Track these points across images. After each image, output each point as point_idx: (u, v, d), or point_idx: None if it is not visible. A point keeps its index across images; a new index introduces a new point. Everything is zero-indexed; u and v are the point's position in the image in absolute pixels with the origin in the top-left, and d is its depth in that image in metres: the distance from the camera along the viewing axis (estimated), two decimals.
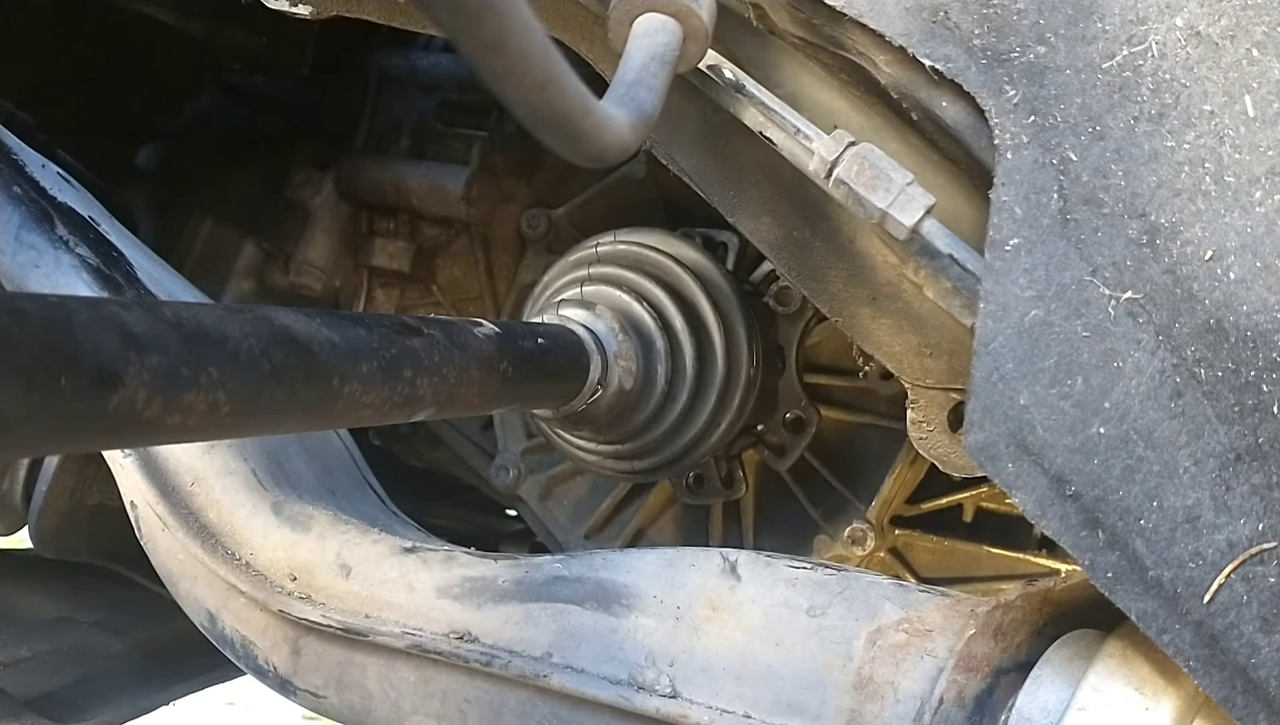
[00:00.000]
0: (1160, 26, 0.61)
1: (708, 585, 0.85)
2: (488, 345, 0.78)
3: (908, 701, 0.77)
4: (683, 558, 0.88)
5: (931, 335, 0.83)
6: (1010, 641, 0.77)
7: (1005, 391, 0.64)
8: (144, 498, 1.14)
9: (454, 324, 0.77)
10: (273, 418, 0.64)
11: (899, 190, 0.72)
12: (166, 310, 0.58)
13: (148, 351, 0.54)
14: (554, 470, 1.44)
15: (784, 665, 0.81)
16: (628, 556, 0.90)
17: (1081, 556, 0.64)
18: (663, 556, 0.89)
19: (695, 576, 0.86)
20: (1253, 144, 0.59)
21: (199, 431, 0.59)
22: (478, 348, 0.77)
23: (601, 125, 0.49)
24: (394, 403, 0.71)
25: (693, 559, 0.87)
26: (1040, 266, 0.64)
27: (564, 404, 1.00)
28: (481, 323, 0.80)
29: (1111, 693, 0.70)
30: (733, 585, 0.85)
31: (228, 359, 0.59)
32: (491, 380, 0.78)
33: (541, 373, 0.91)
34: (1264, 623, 0.60)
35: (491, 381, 0.78)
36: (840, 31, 0.69)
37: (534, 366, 0.87)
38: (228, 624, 1.13)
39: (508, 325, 0.84)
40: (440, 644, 0.96)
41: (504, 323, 0.84)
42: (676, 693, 0.85)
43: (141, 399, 0.54)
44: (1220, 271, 0.60)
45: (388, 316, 0.72)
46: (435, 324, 0.74)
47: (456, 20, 0.38)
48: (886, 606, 0.81)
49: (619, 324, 1.07)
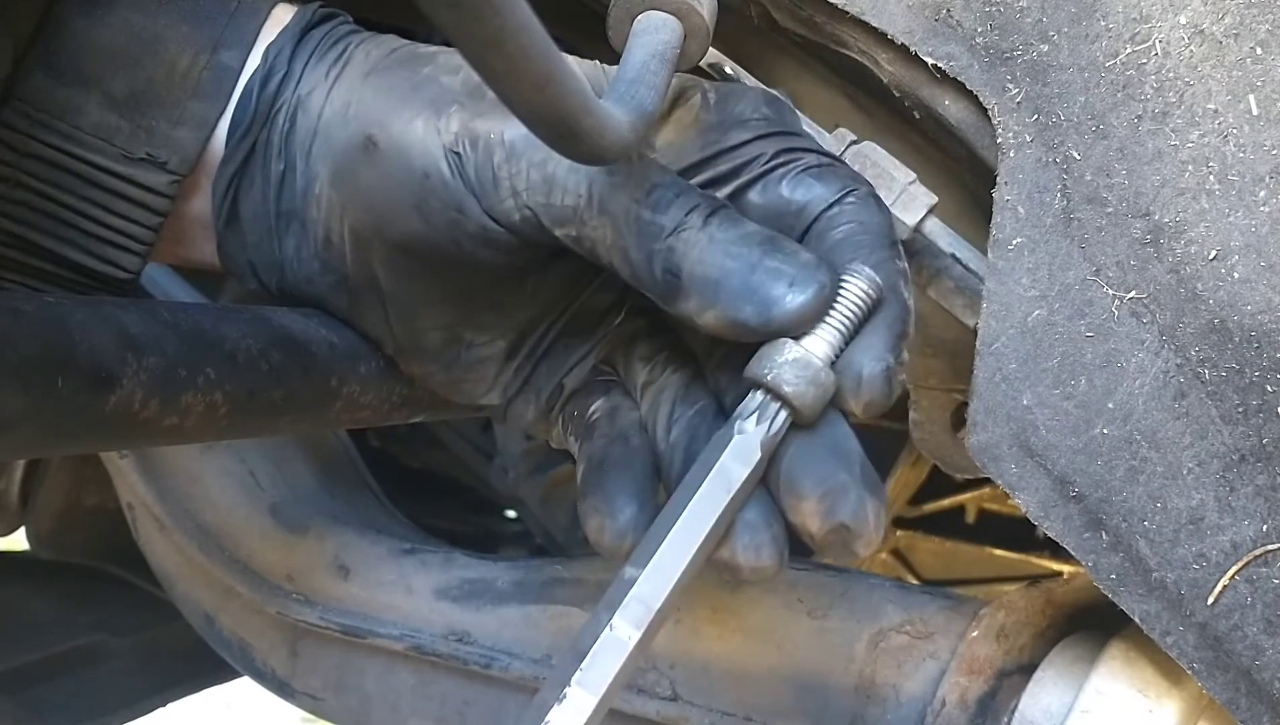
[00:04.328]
0: (1164, 24, 0.61)
1: (708, 587, 0.85)
2: None
3: (910, 704, 0.77)
4: None
5: (933, 335, 0.83)
6: (1013, 643, 0.77)
7: (1008, 392, 0.64)
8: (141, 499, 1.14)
9: None
10: (271, 418, 0.63)
11: (901, 189, 0.72)
12: (164, 310, 0.57)
13: (145, 352, 0.54)
14: (554, 472, 1.44)
15: (785, 668, 0.81)
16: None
17: (1084, 558, 0.63)
18: None
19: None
20: (1257, 143, 0.59)
21: (196, 432, 0.59)
22: None
23: (601, 124, 0.49)
24: (393, 403, 0.71)
25: None
26: (1043, 266, 0.63)
27: None
28: None
29: (1115, 695, 0.69)
30: (733, 587, 0.84)
31: (225, 359, 0.58)
32: None
33: None
34: (1268, 624, 0.60)
35: None
36: (842, 29, 0.69)
37: None
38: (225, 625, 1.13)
39: None
40: (439, 646, 0.96)
41: None
42: (677, 695, 0.85)
43: (139, 400, 0.53)
44: (1224, 271, 0.60)
45: None
46: None
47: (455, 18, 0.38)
48: (889, 608, 0.81)
49: None
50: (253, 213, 0.66)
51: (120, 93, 0.63)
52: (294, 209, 0.65)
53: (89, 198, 0.63)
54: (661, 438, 0.64)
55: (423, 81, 0.62)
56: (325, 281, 0.66)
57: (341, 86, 0.64)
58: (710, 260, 0.57)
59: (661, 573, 0.55)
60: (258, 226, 0.66)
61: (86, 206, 0.63)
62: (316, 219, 0.64)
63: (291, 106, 0.64)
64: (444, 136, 0.60)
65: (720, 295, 0.57)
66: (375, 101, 0.62)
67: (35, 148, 0.62)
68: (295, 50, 0.65)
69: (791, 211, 0.61)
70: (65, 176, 0.63)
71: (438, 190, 0.60)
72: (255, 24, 0.65)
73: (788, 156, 0.62)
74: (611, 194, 0.58)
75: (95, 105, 0.62)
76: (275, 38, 0.65)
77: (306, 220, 0.65)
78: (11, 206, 0.62)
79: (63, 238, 0.63)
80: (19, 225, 0.63)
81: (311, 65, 0.65)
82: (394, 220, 0.62)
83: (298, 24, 0.65)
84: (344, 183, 0.63)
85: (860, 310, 0.57)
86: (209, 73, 0.64)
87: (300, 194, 0.65)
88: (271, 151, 0.65)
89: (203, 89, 0.64)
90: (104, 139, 0.63)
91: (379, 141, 0.61)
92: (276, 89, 0.64)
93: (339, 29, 0.67)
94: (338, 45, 0.65)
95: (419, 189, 0.60)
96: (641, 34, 0.63)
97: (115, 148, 0.63)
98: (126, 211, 0.64)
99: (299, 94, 0.64)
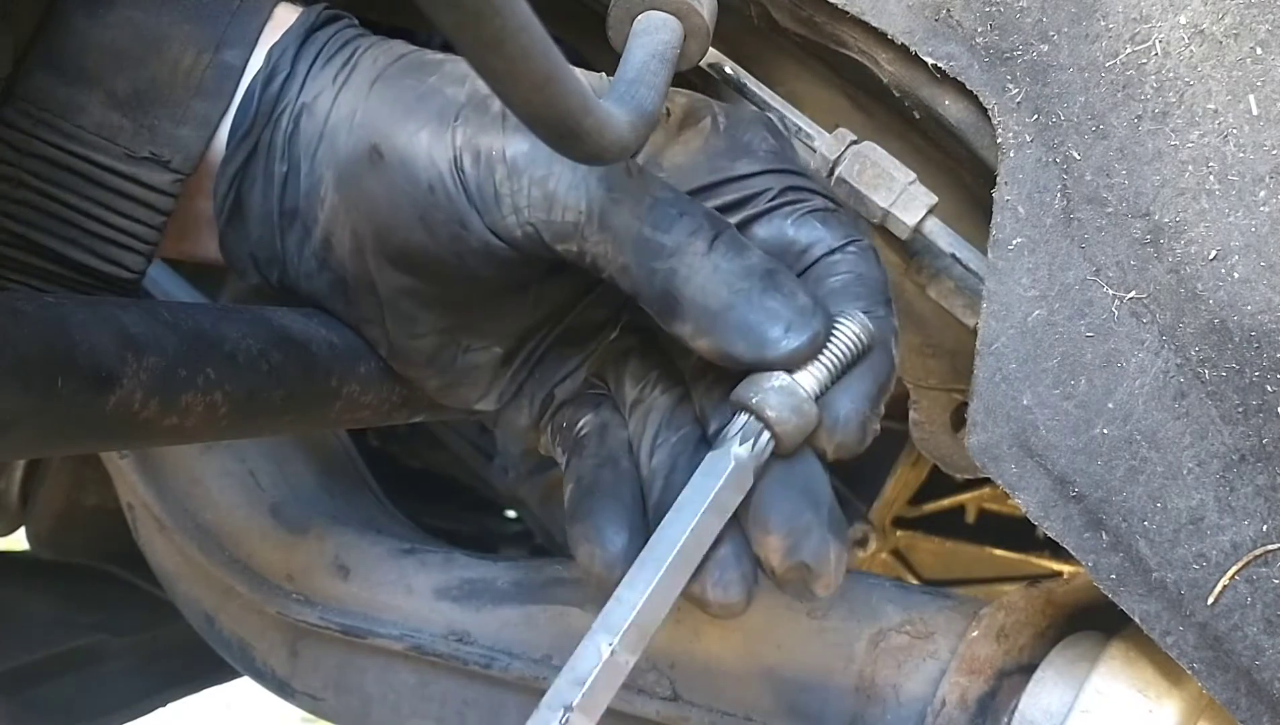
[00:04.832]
0: (1164, 24, 0.61)
1: None
2: None
3: (910, 704, 0.77)
4: None
5: (934, 335, 0.83)
6: (1013, 643, 0.77)
7: (1008, 392, 0.64)
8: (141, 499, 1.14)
9: None
10: (271, 419, 0.63)
11: (901, 189, 0.72)
12: (164, 310, 0.57)
13: (145, 352, 0.54)
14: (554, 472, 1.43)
15: (785, 668, 0.81)
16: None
17: (1084, 558, 0.63)
18: None
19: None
20: (1257, 143, 0.59)
21: (196, 433, 0.59)
22: None
23: (602, 124, 0.49)
24: (392, 403, 0.71)
25: None
26: (1043, 266, 0.63)
27: None
28: None
29: (1115, 695, 0.69)
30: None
31: (225, 360, 0.58)
32: None
33: None
34: (1268, 624, 0.60)
35: None
36: (842, 29, 0.69)
37: None
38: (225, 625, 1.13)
39: None
40: (439, 646, 0.96)
41: None
42: (677, 695, 0.85)
43: (139, 400, 0.53)
44: (1224, 271, 0.60)
45: None
46: None
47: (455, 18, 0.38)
48: (889, 608, 0.81)
49: None
50: (256, 210, 0.66)
51: (123, 92, 0.62)
52: (296, 208, 0.65)
53: (92, 197, 0.63)
54: (645, 462, 0.65)
55: (428, 92, 0.62)
56: (323, 279, 0.66)
57: (348, 92, 0.64)
58: (710, 290, 0.57)
59: (660, 597, 0.56)
60: (260, 224, 0.66)
61: (90, 206, 0.63)
62: (318, 220, 0.64)
63: (295, 109, 0.64)
64: (449, 151, 0.60)
65: (716, 327, 0.58)
66: (381, 111, 0.62)
67: (38, 147, 0.62)
68: (300, 51, 0.65)
69: (794, 251, 0.61)
70: (68, 176, 0.63)
71: (442, 204, 0.60)
72: (258, 23, 0.65)
73: (795, 196, 0.62)
74: (612, 210, 0.58)
75: (98, 104, 0.62)
76: (280, 38, 0.65)
77: (309, 220, 0.65)
78: (14, 206, 0.62)
79: (66, 238, 0.63)
80: (22, 225, 0.63)
81: (317, 68, 0.65)
82: (397, 230, 0.62)
83: (302, 25, 0.65)
84: (348, 190, 0.63)
85: (849, 353, 0.58)
86: (212, 71, 0.64)
87: (304, 195, 0.65)
88: (275, 152, 0.65)
89: (206, 88, 0.64)
90: (107, 138, 0.63)
91: (384, 152, 0.61)
92: (280, 90, 0.64)
93: (345, 31, 0.67)
94: (345, 49, 0.65)
95: (423, 202, 0.60)
96: (641, 34, 0.63)
97: (118, 147, 0.63)
98: (130, 211, 0.64)
99: (304, 97, 0.64)
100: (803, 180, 0.63)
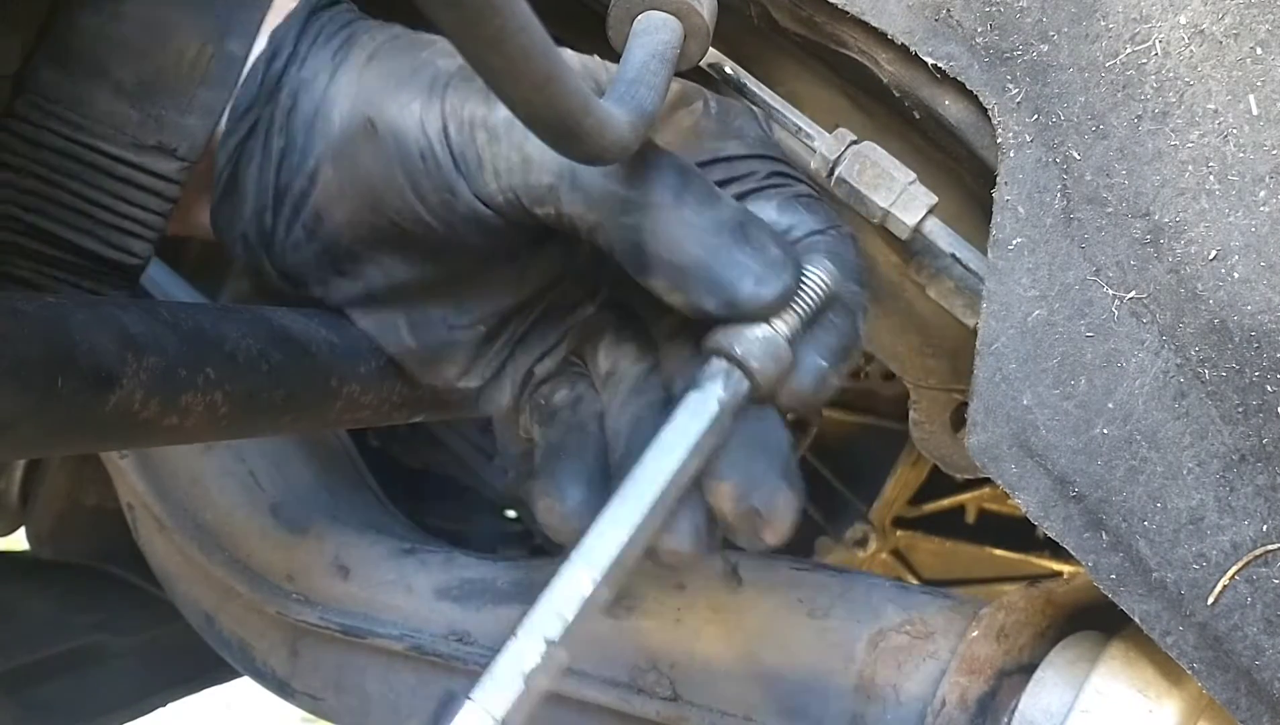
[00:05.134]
0: (1164, 24, 0.61)
1: (708, 587, 0.85)
2: None
3: (910, 704, 0.77)
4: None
5: (933, 335, 0.83)
6: (1013, 643, 0.77)
7: (1008, 392, 0.64)
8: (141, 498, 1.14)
9: None
10: (271, 418, 0.63)
11: (901, 189, 0.72)
12: (164, 310, 0.57)
13: (145, 352, 0.54)
14: None
15: (785, 668, 0.81)
16: None
17: (1084, 558, 0.63)
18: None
19: (696, 578, 0.86)
20: (1256, 143, 0.59)
21: (196, 433, 0.59)
22: None
23: (602, 124, 0.49)
24: (393, 403, 0.71)
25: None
26: (1043, 266, 0.63)
27: None
28: None
29: (1115, 695, 0.69)
30: (734, 587, 0.84)
31: (225, 359, 0.58)
32: None
33: None
34: (1268, 624, 0.60)
35: None
36: (842, 29, 0.69)
37: None
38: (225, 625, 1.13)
39: None
40: (439, 646, 0.96)
41: None
42: (677, 695, 0.85)
43: (139, 399, 0.53)
44: (1224, 271, 0.60)
45: None
46: None
47: (456, 17, 0.38)
48: (889, 608, 0.81)
49: None
50: (251, 185, 0.67)
51: (130, 82, 0.64)
52: (291, 183, 0.66)
53: (101, 186, 0.64)
54: (610, 426, 0.66)
55: (421, 65, 0.63)
56: (310, 250, 0.67)
57: (345, 70, 0.65)
58: (680, 246, 0.58)
59: (641, 534, 0.57)
60: (255, 199, 0.67)
61: (99, 195, 0.64)
62: (312, 195, 0.66)
63: (295, 86, 0.66)
64: (438, 120, 0.61)
65: (687, 282, 0.59)
66: (376, 85, 0.64)
67: (47, 139, 0.63)
68: (301, 32, 0.66)
69: (777, 232, 0.62)
70: (78, 166, 0.64)
71: (432, 172, 0.61)
72: (260, 12, 0.66)
73: (781, 181, 0.64)
74: (584, 169, 0.59)
75: (106, 95, 0.63)
76: (283, 20, 0.66)
77: (303, 194, 0.66)
78: (25, 196, 0.63)
79: (76, 226, 0.64)
80: (32, 214, 0.64)
81: (317, 48, 0.66)
82: (390, 200, 0.63)
83: (304, 8, 0.67)
84: (344, 164, 0.64)
85: (817, 299, 0.60)
86: (216, 61, 0.65)
87: (299, 170, 0.66)
88: (274, 128, 0.66)
89: (211, 77, 0.65)
90: (115, 128, 0.64)
91: (378, 124, 0.62)
92: (282, 68, 0.66)
93: (344, 14, 0.68)
94: (343, 30, 0.67)
95: (415, 170, 0.61)
96: (641, 34, 0.63)
97: (126, 137, 0.64)
98: (138, 199, 0.65)
99: (303, 75, 0.66)
100: (788, 167, 0.65)
